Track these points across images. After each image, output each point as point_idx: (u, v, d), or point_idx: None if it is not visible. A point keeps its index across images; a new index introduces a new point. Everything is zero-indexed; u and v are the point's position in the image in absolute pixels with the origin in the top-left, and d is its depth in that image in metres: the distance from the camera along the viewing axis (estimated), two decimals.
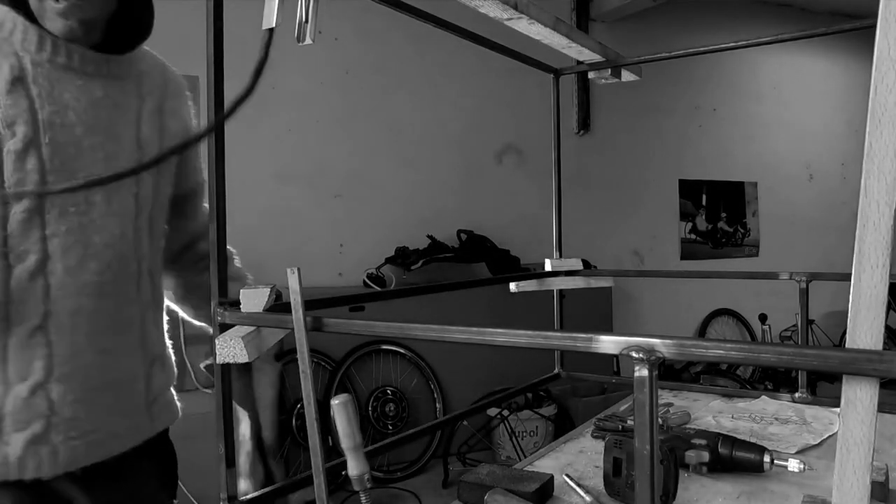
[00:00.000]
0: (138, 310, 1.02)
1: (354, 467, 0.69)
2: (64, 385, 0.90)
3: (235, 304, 0.74)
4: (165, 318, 1.16)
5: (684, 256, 5.58)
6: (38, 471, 0.88)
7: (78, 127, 0.91)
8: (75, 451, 0.92)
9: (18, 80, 0.86)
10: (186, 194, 1.16)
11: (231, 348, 0.70)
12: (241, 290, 0.74)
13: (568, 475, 0.98)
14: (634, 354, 0.46)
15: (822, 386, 4.32)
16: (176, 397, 1.16)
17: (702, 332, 5.53)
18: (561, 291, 1.44)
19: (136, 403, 1.02)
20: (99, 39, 0.96)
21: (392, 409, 3.74)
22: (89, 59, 0.93)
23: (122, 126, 0.97)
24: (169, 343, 1.17)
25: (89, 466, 0.94)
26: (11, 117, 0.85)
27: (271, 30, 0.67)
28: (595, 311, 4.28)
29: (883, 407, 1.18)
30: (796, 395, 1.34)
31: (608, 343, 0.49)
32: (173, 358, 1.17)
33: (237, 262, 1.18)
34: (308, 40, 0.70)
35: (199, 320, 1.22)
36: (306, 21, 0.69)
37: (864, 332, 0.39)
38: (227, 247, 1.18)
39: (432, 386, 3.83)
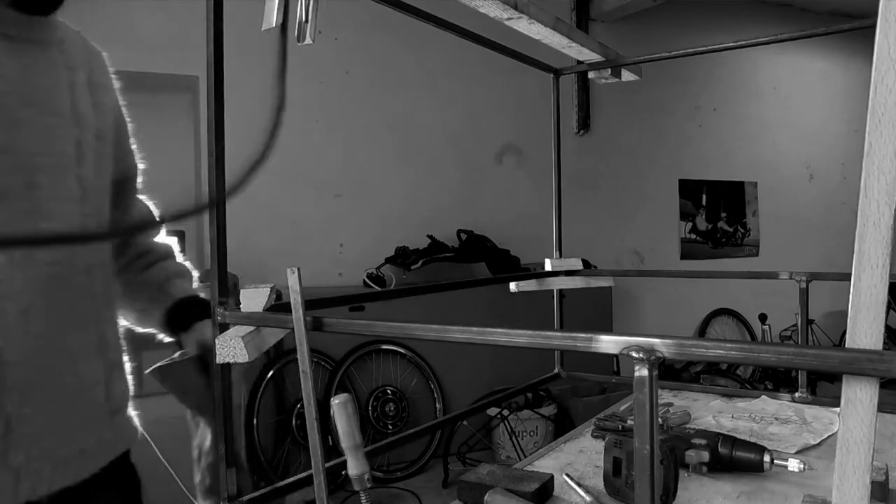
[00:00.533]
0: (93, 306, 0.90)
1: (354, 467, 0.69)
2: (19, 395, 0.78)
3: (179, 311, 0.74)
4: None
5: (684, 256, 5.58)
6: None
7: (11, 96, 0.79)
8: (39, 475, 0.80)
9: None
10: (121, 181, 1.02)
11: (231, 348, 0.70)
12: (241, 290, 0.74)
13: (568, 475, 0.98)
14: (634, 354, 0.46)
15: (822, 386, 4.32)
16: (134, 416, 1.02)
17: (702, 332, 5.53)
18: (561, 291, 1.44)
19: (98, 414, 0.89)
20: None
21: (392, 408, 3.74)
22: (10, 19, 0.80)
23: (57, 97, 0.84)
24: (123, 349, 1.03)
25: (55, 494, 0.82)
26: None
27: (284, 35, 0.67)
28: (595, 311, 4.28)
29: (883, 407, 1.18)
30: (796, 394, 1.34)
31: (608, 343, 0.49)
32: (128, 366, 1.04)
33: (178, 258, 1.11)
34: (308, 40, 0.69)
35: (145, 326, 1.07)
36: (306, 21, 0.69)
37: (864, 332, 0.39)
38: (165, 243, 1.10)
39: (432, 386, 3.83)
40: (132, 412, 1.01)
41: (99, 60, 0.97)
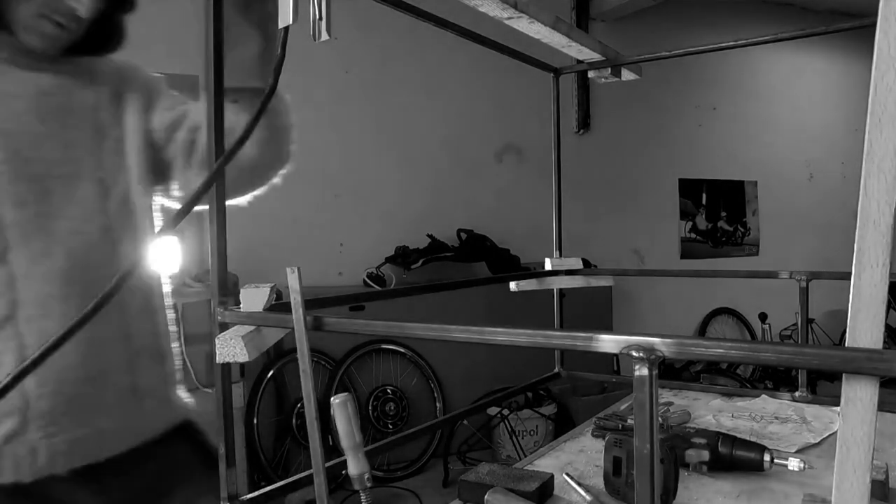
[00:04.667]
0: (118, 297, 0.98)
1: (354, 466, 0.69)
2: (38, 376, 0.85)
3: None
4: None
5: (684, 255, 5.58)
6: (16, 472, 0.85)
7: (28, 115, 0.93)
8: (55, 450, 0.87)
9: None
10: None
11: (231, 348, 0.70)
12: (241, 290, 0.74)
13: (568, 474, 0.98)
14: (634, 353, 0.46)
15: (823, 385, 4.32)
16: (184, 396, 1.10)
17: (702, 331, 5.53)
18: (561, 291, 1.44)
19: (123, 398, 0.96)
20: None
21: (392, 408, 3.74)
22: (37, 54, 0.95)
23: (78, 114, 0.99)
24: (173, 337, 1.11)
25: (78, 469, 0.90)
26: None
27: (286, 28, 0.67)
28: (595, 311, 4.28)
29: (883, 406, 1.17)
30: (796, 393, 1.34)
31: (608, 342, 0.49)
32: (175, 353, 1.11)
33: None
34: (325, 36, 0.69)
35: None
36: (321, 18, 0.69)
37: (864, 331, 0.39)
38: None
39: (432, 385, 3.83)
40: (181, 396, 1.07)
41: (130, 74, 1.11)
